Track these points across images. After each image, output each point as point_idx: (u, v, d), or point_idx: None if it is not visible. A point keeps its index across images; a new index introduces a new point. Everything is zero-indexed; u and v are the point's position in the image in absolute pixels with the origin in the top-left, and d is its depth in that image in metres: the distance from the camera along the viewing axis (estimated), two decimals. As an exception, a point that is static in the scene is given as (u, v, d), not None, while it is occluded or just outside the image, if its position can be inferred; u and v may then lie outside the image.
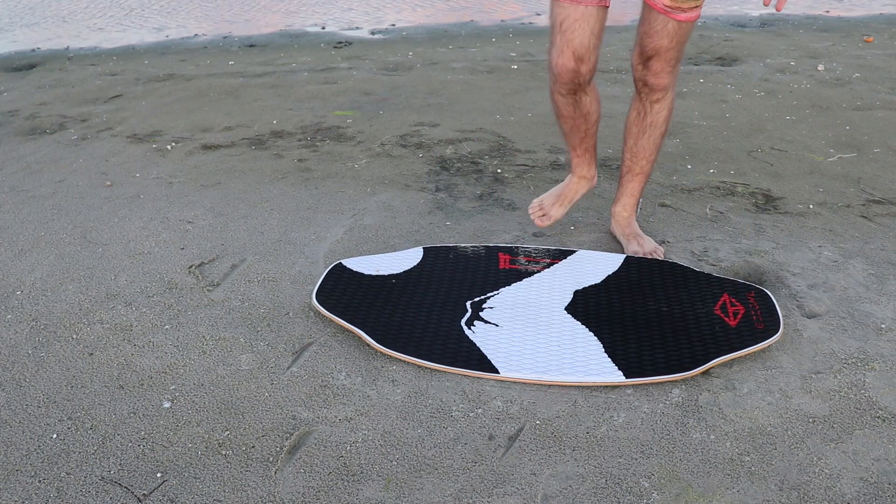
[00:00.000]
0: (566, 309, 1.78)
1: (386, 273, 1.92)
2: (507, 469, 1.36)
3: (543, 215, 2.05)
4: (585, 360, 1.59)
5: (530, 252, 2.02)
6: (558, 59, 1.77)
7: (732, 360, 1.62)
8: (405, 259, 1.98)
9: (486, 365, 1.58)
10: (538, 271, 1.93)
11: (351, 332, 1.71)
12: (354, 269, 1.92)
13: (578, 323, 1.72)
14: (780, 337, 1.64)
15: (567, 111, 1.90)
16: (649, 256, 1.99)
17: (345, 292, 1.83)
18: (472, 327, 1.71)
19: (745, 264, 1.99)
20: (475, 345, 1.65)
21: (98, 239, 2.19)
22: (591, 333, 1.68)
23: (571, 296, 1.83)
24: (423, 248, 2.04)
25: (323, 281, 1.87)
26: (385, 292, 1.84)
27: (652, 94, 1.89)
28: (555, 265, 1.96)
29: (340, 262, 1.96)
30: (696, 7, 1.74)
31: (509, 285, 1.87)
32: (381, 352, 1.65)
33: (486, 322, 1.73)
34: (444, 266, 1.95)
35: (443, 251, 2.02)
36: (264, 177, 2.64)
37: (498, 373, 1.56)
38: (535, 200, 2.10)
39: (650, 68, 1.83)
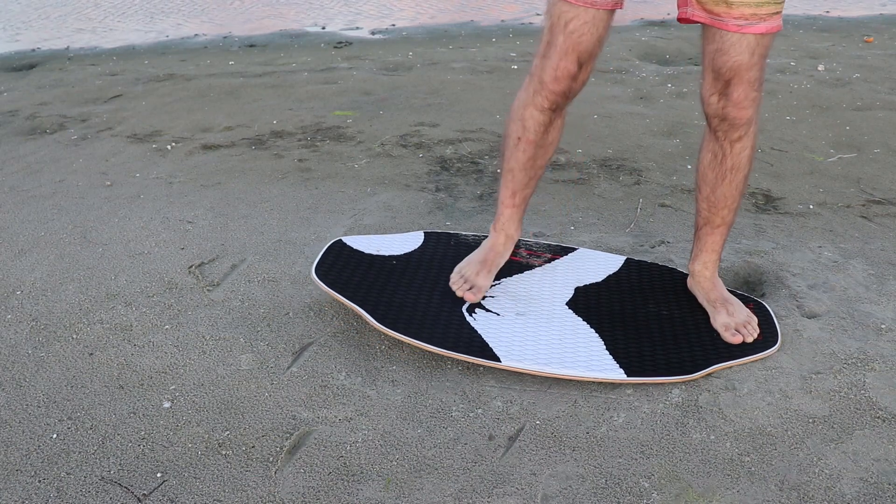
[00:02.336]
0: (567, 304, 1.78)
1: (386, 254, 1.90)
2: (507, 469, 1.36)
3: (471, 288, 1.75)
4: (587, 355, 1.59)
5: (531, 245, 2.02)
6: (560, 62, 1.55)
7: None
8: (406, 241, 1.97)
9: (487, 352, 1.57)
10: (539, 265, 1.93)
11: (350, 308, 1.69)
12: (354, 247, 1.91)
13: (580, 319, 1.72)
14: (777, 349, 1.64)
15: (535, 134, 1.67)
16: (742, 329, 1.67)
17: (344, 269, 1.81)
18: (473, 314, 1.70)
19: (745, 264, 1.99)
20: (476, 332, 1.64)
21: (98, 239, 2.19)
22: (593, 330, 1.68)
23: (573, 291, 1.83)
24: (425, 232, 2.03)
25: (322, 256, 1.85)
26: (385, 272, 1.82)
27: (733, 131, 1.55)
28: (556, 260, 1.96)
29: (340, 239, 1.94)
30: (777, 14, 1.45)
31: (510, 276, 1.86)
32: (381, 331, 1.63)
33: (488, 311, 1.72)
34: (445, 251, 1.94)
35: (444, 237, 2.01)
36: (264, 177, 2.65)
37: (499, 361, 1.56)
38: (454, 272, 1.81)
39: (731, 97, 1.50)
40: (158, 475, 1.36)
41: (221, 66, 4.47)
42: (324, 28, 5.74)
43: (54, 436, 1.45)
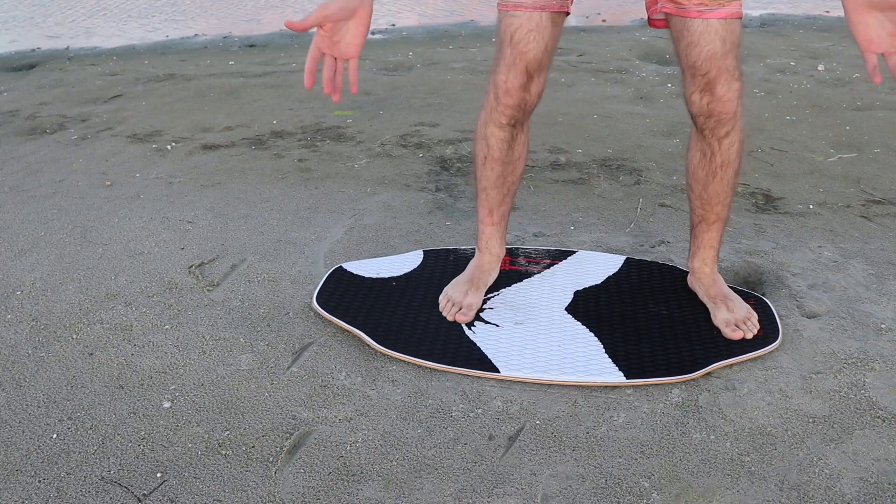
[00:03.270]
0: (566, 309, 1.78)
1: (386, 276, 1.92)
2: (507, 469, 1.36)
3: (460, 310, 1.75)
4: (586, 360, 1.59)
5: (530, 253, 2.02)
6: (508, 75, 1.57)
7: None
8: (405, 262, 1.98)
9: (486, 364, 1.58)
10: (538, 272, 1.93)
11: (351, 333, 1.71)
12: (355, 273, 1.92)
13: (579, 323, 1.72)
14: (778, 345, 1.64)
15: (499, 151, 1.67)
16: (742, 325, 1.67)
17: (345, 295, 1.83)
18: (472, 328, 1.71)
19: (745, 264, 1.99)
20: (475, 345, 1.65)
21: (98, 239, 2.19)
22: (592, 334, 1.68)
23: (572, 296, 1.83)
24: (424, 250, 2.04)
25: (323, 284, 1.87)
26: (385, 294, 1.84)
27: (720, 127, 1.54)
28: (555, 266, 1.96)
29: (341, 266, 1.96)
30: (735, 0, 1.48)
31: (510, 286, 1.87)
32: (381, 353, 1.65)
33: (487, 322, 1.73)
34: (444, 268, 1.95)
35: (443, 253, 2.02)
36: (264, 177, 2.65)
37: (498, 372, 1.57)
38: (441, 295, 1.81)
39: (714, 92, 1.49)
40: (158, 475, 1.36)
41: (221, 66, 4.47)
42: (324, 28, 5.73)
43: (54, 436, 1.45)
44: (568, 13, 1.59)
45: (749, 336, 1.64)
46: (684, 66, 1.53)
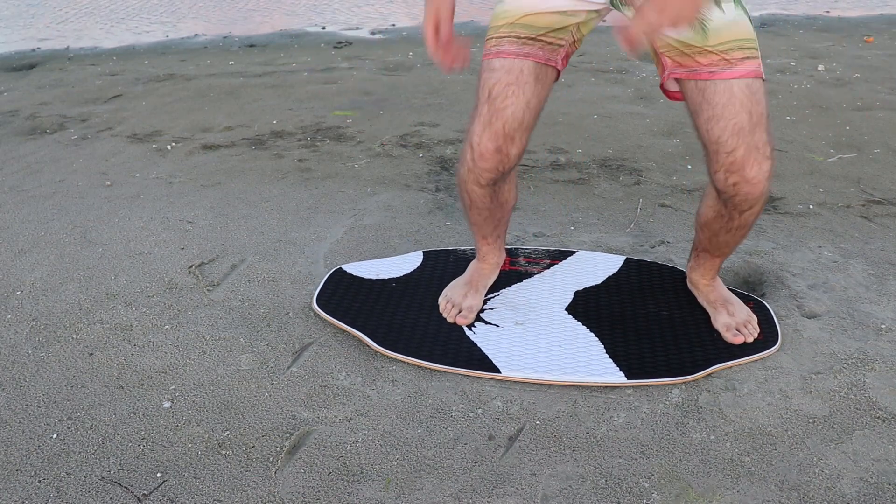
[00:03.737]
0: (566, 309, 1.78)
1: (386, 277, 1.92)
2: (507, 469, 1.36)
3: (460, 312, 1.73)
4: (587, 360, 1.59)
5: (530, 253, 2.02)
6: (482, 136, 1.44)
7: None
8: (405, 263, 1.98)
9: (487, 365, 1.58)
10: (538, 272, 1.93)
11: (352, 334, 1.71)
12: (354, 274, 1.92)
13: (579, 324, 1.72)
14: (777, 348, 1.64)
15: (482, 203, 1.59)
16: (742, 329, 1.65)
17: (345, 296, 1.83)
18: (472, 328, 1.71)
19: (745, 264, 1.99)
20: (476, 345, 1.65)
21: (98, 239, 2.19)
22: (592, 334, 1.68)
23: (572, 296, 1.83)
24: (423, 251, 2.04)
25: (323, 285, 1.87)
26: (385, 296, 1.84)
27: (744, 204, 1.42)
28: (555, 266, 1.96)
29: (341, 267, 1.96)
30: (748, 59, 1.34)
31: (510, 286, 1.87)
32: (382, 354, 1.65)
33: (487, 323, 1.73)
34: (444, 269, 1.95)
35: (443, 254, 2.02)
36: (264, 177, 2.65)
37: (499, 372, 1.57)
38: (441, 297, 1.79)
39: (744, 174, 1.35)
40: (158, 475, 1.36)
41: (221, 66, 4.47)
42: (324, 28, 5.74)
43: (54, 436, 1.45)
44: (558, 71, 1.48)
45: (749, 340, 1.64)
46: (706, 143, 1.38)
